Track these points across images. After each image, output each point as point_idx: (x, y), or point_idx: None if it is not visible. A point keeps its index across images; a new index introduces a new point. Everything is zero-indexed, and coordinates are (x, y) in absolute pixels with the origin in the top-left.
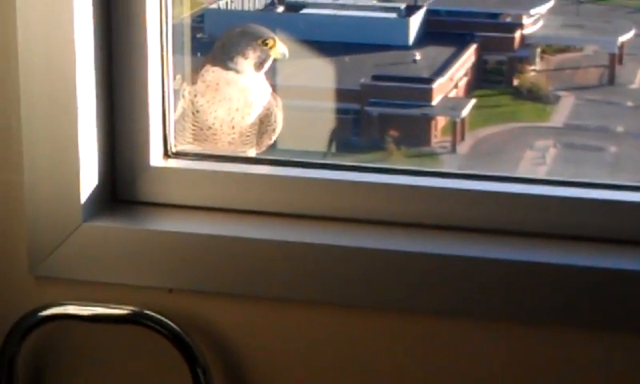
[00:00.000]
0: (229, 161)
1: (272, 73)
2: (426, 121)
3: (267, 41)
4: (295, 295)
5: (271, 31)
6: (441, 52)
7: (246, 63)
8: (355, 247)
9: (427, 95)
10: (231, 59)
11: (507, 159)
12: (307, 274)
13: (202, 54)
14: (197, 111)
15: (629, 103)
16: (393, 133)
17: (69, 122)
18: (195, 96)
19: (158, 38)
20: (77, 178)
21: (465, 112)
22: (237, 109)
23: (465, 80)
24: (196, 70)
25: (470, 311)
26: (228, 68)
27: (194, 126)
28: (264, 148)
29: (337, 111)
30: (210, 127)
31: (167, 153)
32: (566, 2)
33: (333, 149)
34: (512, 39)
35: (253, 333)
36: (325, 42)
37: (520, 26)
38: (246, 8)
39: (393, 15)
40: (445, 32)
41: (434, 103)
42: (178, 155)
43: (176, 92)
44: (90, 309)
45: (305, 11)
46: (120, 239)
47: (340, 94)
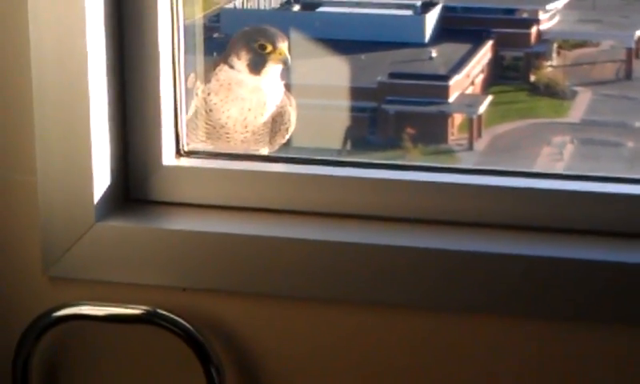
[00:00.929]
0: (241, 159)
1: (287, 72)
2: (443, 118)
3: (265, 45)
4: (310, 293)
5: (284, 32)
6: (457, 49)
7: (240, 64)
8: (370, 244)
9: (444, 92)
10: (229, 57)
11: (524, 155)
12: (321, 272)
13: (218, 54)
14: (210, 110)
15: None
16: (409, 130)
17: (81, 123)
18: (208, 94)
19: (170, 38)
20: (90, 178)
21: (481, 109)
22: (249, 108)
23: (481, 77)
24: (211, 69)
25: (491, 308)
26: (231, 67)
27: (207, 125)
28: (277, 147)
29: (353, 109)
30: (223, 126)
31: (179, 152)
32: None
33: (348, 146)
34: (528, 35)
35: (267, 331)
36: (341, 40)
37: (536, 22)
38: (262, 7)
39: (409, 12)
40: (461, 29)
41: (451, 100)
42: (191, 154)
43: (189, 91)
44: (104, 309)
45: (321, 10)
46: (133, 238)
47: (356, 92)
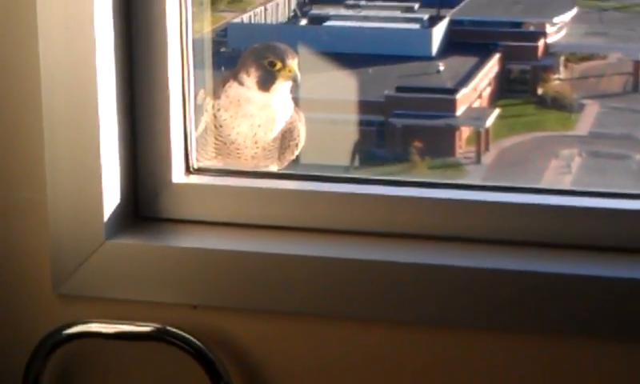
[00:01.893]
0: (251, 176)
1: (295, 86)
2: (451, 131)
3: (275, 62)
4: (319, 310)
5: (293, 49)
6: (464, 62)
7: (249, 80)
8: (379, 261)
9: (451, 106)
10: (239, 74)
11: (532, 169)
12: (330, 289)
13: (226, 68)
14: (220, 125)
15: None
16: (417, 144)
17: (91, 141)
18: (219, 110)
19: (179, 53)
20: (99, 196)
21: (489, 122)
22: (259, 125)
23: (488, 90)
24: (219, 84)
25: (498, 324)
26: (241, 84)
27: (217, 141)
28: (286, 163)
29: (360, 123)
30: (233, 142)
31: (189, 169)
32: (590, 10)
33: (356, 162)
34: (535, 48)
35: (276, 349)
36: (348, 54)
37: (543, 35)
38: (270, 21)
39: (416, 26)
40: (468, 42)
41: (458, 114)
42: (200, 171)
43: (198, 107)
44: (114, 326)
45: (328, 24)
46: (143, 256)
47: (364, 106)
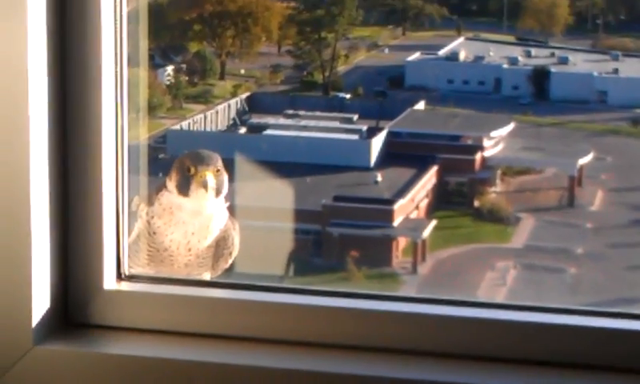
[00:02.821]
0: (183, 284)
1: (232, 194)
2: (388, 241)
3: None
4: None
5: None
6: (402, 173)
7: (171, 185)
8: (311, 371)
9: (388, 216)
10: (166, 179)
11: (468, 280)
12: None
13: (164, 175)
14: (154, 232)
15: (588, 225)
16: (354, 253)
17: (21, 244)
18: (152, 218)
19: (114, 160)
20: (28, 300)
21: (426, 233)
22: (192, 232)
23: (426, 201)
24: (153, 192)
25: None
26: (167, 189)
27: (151, 248)
28: (220, 271)
29: (297, 232)
30: (167, 249)
31: (121, 276)
32: (526, 126)
33: (291, 271)
34: (473, 161)
35: None
36: (286, 163)
37: (481, 149)
38: (209, 128)
39: (355, 137)
40: (406, 154)
41: (396, 224)
42: (132, 278)
43: (132, 214)
44: None
45: (267, 132)
46: (72, 363)
47: (301, 215)
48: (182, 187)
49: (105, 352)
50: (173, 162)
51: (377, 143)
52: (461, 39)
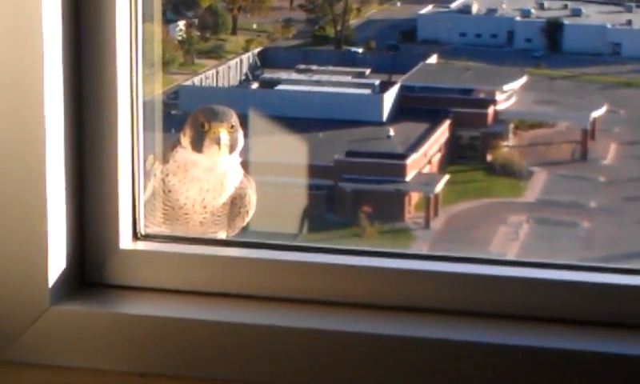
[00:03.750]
0: (198, 243)
1: (245, 150)
2: (400, 197)
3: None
4: (269, 379)
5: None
6: (414, 128)
7: (185, 141)
8: (330, 330)
9: (401, 171)
10: (180, 135)
11: (481, 235)
12: (280, 358)
13: (177, 131)
14: (169, 191)
15: (601, 178)
16: (366, 209)
17: (37, 204)
18: (167, 175)
19: (129, 117)
20: (45, 261)
21: (438, 188)
22: (207, 189)
23: (438, 156)
24: (168, 149)
25: None
26: (181, 145)
27: (166, 206)
28: (236, 230)
29: (310, 187)
30: (182, 207)
31: (137, 235)
32: (539, 79)
33: (305, 228)
34: (485, 115)
35: None
36: (299, 118)
37: (493, 102)
38: (221, 84)
39: (367, 91)
40: (419, 108)
41: (408, 179)
42: (148, 238)
43: (147, 172)
44: None
45: (279, 88)
46: (89, 323)
47: (313, 170)
48: (196, 143)
49: (121, 312)
50: (186, 118)
51: (389, 98)
52: None
